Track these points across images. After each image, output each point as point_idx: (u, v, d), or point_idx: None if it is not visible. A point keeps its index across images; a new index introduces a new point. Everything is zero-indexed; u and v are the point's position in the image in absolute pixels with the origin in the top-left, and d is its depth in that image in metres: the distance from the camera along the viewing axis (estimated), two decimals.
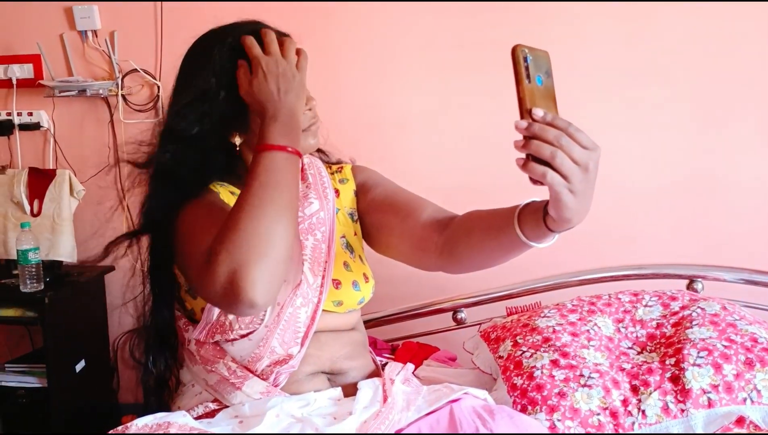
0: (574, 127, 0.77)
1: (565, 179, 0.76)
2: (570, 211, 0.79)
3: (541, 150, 0.75)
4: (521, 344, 1.33)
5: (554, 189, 0.77)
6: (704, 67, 1.94)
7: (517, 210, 0.91)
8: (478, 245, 1.00)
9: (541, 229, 0.86)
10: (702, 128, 1.96)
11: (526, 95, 0.76)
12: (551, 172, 0.76)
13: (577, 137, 0.76)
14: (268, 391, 1.06)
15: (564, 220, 0.80)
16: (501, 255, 0.98)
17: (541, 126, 0.76)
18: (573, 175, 0.76)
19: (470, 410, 1.07)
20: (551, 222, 0.83)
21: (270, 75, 0.99)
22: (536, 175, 0.77)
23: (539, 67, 0.78)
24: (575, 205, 0.78)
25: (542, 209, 0.85)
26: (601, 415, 1.17)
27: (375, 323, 1.67)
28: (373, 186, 1.21)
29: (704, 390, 1.18)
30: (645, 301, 1.42)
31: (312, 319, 1.09)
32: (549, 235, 0.86)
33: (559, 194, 0.77)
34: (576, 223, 0.81)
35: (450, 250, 1.04)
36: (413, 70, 2.07)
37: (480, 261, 1.03)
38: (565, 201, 0.77)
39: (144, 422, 0.95)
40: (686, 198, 1.99)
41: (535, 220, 0.86)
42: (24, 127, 2.28)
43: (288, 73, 1.00)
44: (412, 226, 1.10)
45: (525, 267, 1.88)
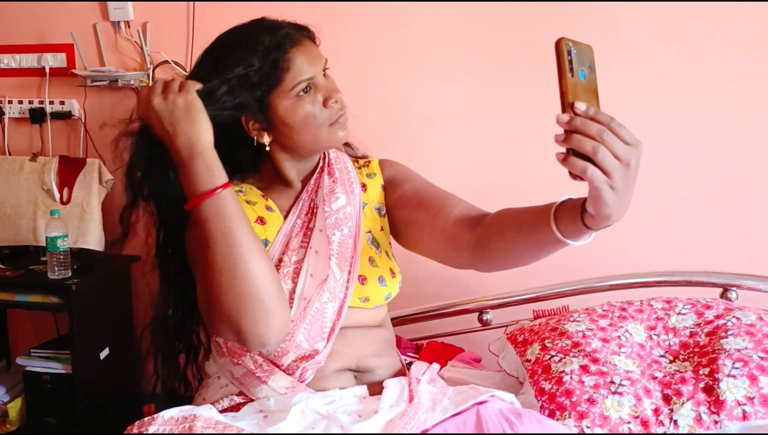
0: (617, 122, 0.75)
1: (606, 175, 0.74)
2: (609, 208, 0.77)
3: (583, 144, 0.74)
4: (550, 348, 1.31)
5: (594, 185, 0.75)
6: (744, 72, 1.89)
7: (553, 207, 0.89)
8: (512, 243, 0.98)
9: (578, 227, 0.84)
10: (739, 134, 1.91)
11: (569, 89, 0.74)
12: (592, 167, 0.74)
13: (620, 133, 0.75)
14: (293, 387, 1.06)
15: (602, 217, 0.79)
16: (534, 253, 0.96)
17: (583, 120, 0.74)
18: (614, 171, 0.74)
19: (497, 413, 1.06)
20: (589, 219, 0.82)
21: (155, 123, 0.94)
22: (576, 170, 0.75)
23: (582, 61, 0.76)
24: (615, 202, 0.76)
25: (580, 206, 0.83)
26: (631, 424, 1.15)
27: (399, 322, 1.66)
28: (403, 181, 1.19)
29: (739, 402, 1.15)
30: (678, 309, 1.39)
31: (338, 314, 1.08)
32: (586, 232, 0.85)
33: (599, 190, 0.75)
34: (615, 220, 0.80)
35: (482, 247, 1.03)
36: (444, 67, 2.05)
37: (512, 259, 1.01)
38: (605, 197, 0.76)
39: (171, 414, 0.95)
40: (721, 204, 1.94)
41: (573, 217, 0.85)
42: (56, 116, 2.30)
43: (168, 107, 0.93)
44: (443, 223, 1.09)
45: (552, 270, 1.86)
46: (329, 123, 1.08)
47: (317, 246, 1.10)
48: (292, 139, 1.08)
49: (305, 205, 1.14)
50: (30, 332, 2.43)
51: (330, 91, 1.08)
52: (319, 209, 1.13)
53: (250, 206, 1.10)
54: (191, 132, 0.92)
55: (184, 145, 0.92)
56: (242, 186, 1.14)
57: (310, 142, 1.09)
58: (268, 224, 1.09)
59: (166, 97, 0.93)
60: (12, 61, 2.33)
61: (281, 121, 1.06)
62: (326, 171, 1.16)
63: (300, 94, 1.05)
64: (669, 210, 1.96)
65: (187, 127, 0.92)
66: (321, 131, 1.08)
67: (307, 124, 1.06)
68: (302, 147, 1.10)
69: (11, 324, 2.50)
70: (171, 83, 0.95)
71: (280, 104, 1.05)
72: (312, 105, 1.06)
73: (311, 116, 1.06)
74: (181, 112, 0.92)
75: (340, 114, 1.09)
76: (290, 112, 1.05)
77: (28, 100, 2.33)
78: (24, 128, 2.36)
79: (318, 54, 1.09)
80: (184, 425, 0.93)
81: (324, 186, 1.14)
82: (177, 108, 0.92)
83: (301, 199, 1.14)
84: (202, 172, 0.91)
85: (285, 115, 1.05)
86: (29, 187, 2.22)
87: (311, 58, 1.07)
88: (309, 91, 1.06)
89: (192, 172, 0.91)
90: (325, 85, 1.08)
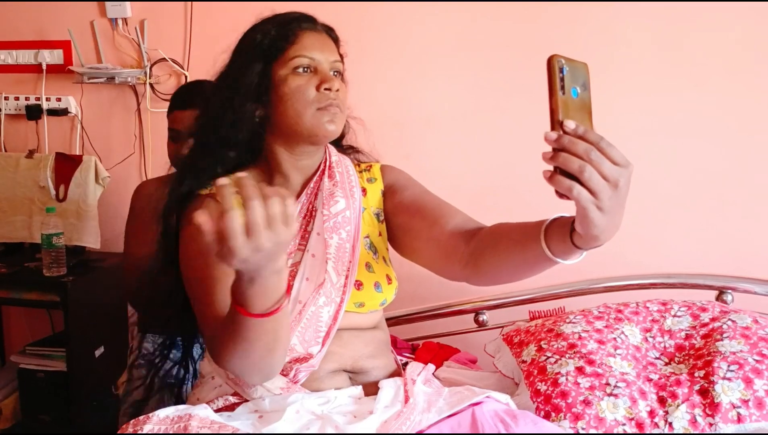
0: (606, 141, 0.73)
1: (593, 195, 0.72)
2: (597, 228, 0.75)
3: (569, 163, 0.72)
4: (546, 349, 1.31)
5: (581, 205, 0.73)
6: (739, 73, 1.89)
7: (543, 225, 0.87)
8: (504, 258, 0.97)
9: (567, 246, 0.83)
10: (735, 136, 1.92)
11: (559, 106, 0.73)
12: (578, 186, 0.72)
13: (609, 152, 0.72)
14: (288, 387, 1.06)
15: (591, 237, 0.77)
16: (526, 269, 0.95)
17: (570, 139, 0.72)
18: (601, 191, 0.72)
19: (493, 414, 1.05)
20: (578, 238, 0.80)
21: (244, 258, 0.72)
22: (562, 189, 0.73)
23: (576, 78, 0.75)
24: (603, 223, 0.75)
25: (569, 225, 0.82)
26: (626, 426, 1.15)
27: (395, 322, 1.66)
28: (402, 188, 1.19)
29: (734, 404, 1.15)
30: (674, 311, 1.39)
31: (334, 318, 1.08)
32: (576, 251, 0.83)
33: (586, 211, 0.74)
34: (604, 241, 0.78)
35: (475, 261, 1.02)
36: (442, 68, 2.05)
37: (504, 274, 1.00)
38: (592, 217, 0.74)
39: (166, 413, 0.95)
40: (717, 207, 1.94)
41: (562, 235, 0.83)
42: (52, 113, 2.29)
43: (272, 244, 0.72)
44: (439, 233, 1.08)
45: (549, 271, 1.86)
46: (317, 106, 1.07)
47: (314, 249, 1.09)
48: (279, 114, 1.08)
49: (304, 207, 1.13)
50: (25, 329, 2.42)
51: (328, 79, 1.08)
52: (318, 212, 1.12)
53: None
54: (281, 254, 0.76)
55: (274, 268, 0.76)
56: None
57: (293, 120, 1.07)
58: None
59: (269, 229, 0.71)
60: (9, 58, 2.33)
61: (274, 90, 1.08)
62: (327, 174, 1.15)
63: (299, 70, 1.08)
64: (665, 212, 1.96)
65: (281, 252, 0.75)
66: (306, 111, 1.06)
67: (294, 98, 1.06)
68: (286, 124, 1.08)
69: (6, 321, 2.49)
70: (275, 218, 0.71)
71: (278, 72, 1.08)
72: (306, 83, 1.07)
73: (300, 91, 1.06)
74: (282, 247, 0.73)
75: (330, 102, 1.07)
76: (283, 82, 1.07)
77: (24, 97, 2.32)
78: (20, 125, 2.35)
79: (330, 47, 1.12)
80: (180, 424, 0.93)
81: (324, 189, 1.14)
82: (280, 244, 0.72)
83: (300, 202, 1.13)
84: (278, 288, 0.79)
85: (278, 84, 1.08)
86: (25, 183, 2.22)
87: (320, 44, 1.10)
88: (308, 72, 1.08)
89: (269, 290, 0.78)
90: (327, 74, 1.09)
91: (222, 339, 0.90)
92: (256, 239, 0.69)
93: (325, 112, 1.07)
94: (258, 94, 1.09)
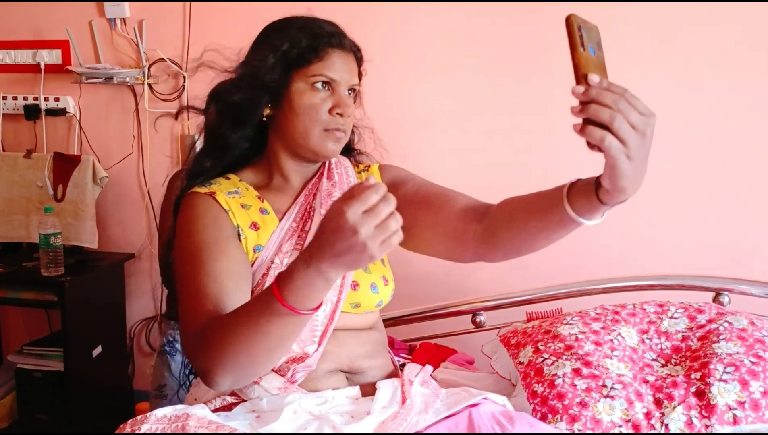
0: (630, 93, 0.77)
1: (622, 144, 0.76)
2: (626, 178, 0.78)
3: (600, 113, 0.75)
4: (542, 351, 1.31)
5: (611, 154, 0.76)
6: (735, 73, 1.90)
7: (564, 188, 0.90)
8: (522, 228, 0.99)
9: (593, 204, 0.85)
10: (731, 138, 1.92)
11: (582, 61, 0.77)
12: (610, 136, 0.76)
13: (634, 103, 0.76)
14: (285, 387, 1.06)
15: (619, 189, 0.80)
16: (546, 236, 0.97)
17: (599, 90, 0.76)
18: (631, 139, 0.76)
19: (489, 416, 1.06)
20: (604, 194, 0.83)
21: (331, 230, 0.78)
22: (595, 139, 0.76)
23: (591, 38, 0.79)
24: (631, 172, 0.78)
25: (593, 184, 0.85)
26: (623, 427, 1.15)
27: (392, 323, 1.66)
28: (403, 182, 1.19)
29: (730, 406, 1.16)
30: (671, 313, 1.40)
31: (330, 318, 1.08)
32: (600, 209, 0.86)
33: (616, 160, 0.77)
34: (630, 193, 0.81)
35: (491, 236, 1.04)
36: (439, 68, 2.05)
37: (524, 244, 1.02)
38: (622, 168, 0.77)
39: (163, 413, 0.95)
40: (714, 209, 1.95)
41: (587, 195, 0.86)
42: (50, 113, 2.29)
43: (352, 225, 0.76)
44: (447, 218, 1.09)
45: (546, 273, 1.87)
46: (325, 127, 1.09)
47: None
48: (287, 122, 1.10)
49: (302, 207, 1.14)
50: (22, 329, 2.42)
51: (342, 102, 1.10)
52: (316, 212, 1.13)
53: (245, 211, 1.09)
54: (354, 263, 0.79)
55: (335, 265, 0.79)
56: (238, 185, 1.13)
57: (300, 135, 1.10)
58: (262, 229, 1.09)
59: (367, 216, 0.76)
60: (7, 57, 2.33)
61: (288, 100, 1.09)
62: (326, 175, 1.17)
63: (317, 86, 1.09)
64: (662, 214, 1.97)
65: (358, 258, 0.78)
66: (314, 129, 1.09)
67: (307, 114, 1.08)
68: (292, 136, 1.10)
69: (3, 320, 2.49)
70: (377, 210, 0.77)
71: (296, 84, 1.09)
72: (321, 102, 1.09)
73: (314, 109, 1.08)
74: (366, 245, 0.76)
75: (338, 127, 1.10)
76: (299, 95, 1.09)
77: (22, 97, 2.32)
78: (18, 124, 2.35)
79: (353, 69, 1.14)
80: (177, 424, 0.93)
81: (322, 189, 1.15)
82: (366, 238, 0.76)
83: (298, 203, 1.13)
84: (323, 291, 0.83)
85: (294, 95, 1.09)
86: (23, 183, 2.21)
87: (345, 66, 1.12)
88: (326, 90, 1.10)
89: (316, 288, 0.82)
90: (342, 97, 1.11)
91: (219, 334, 0.90)
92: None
93: (330, 135, 1.10)
94: (272, 94, 1.10)
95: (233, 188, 1.12)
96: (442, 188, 1.16)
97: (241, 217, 1.08)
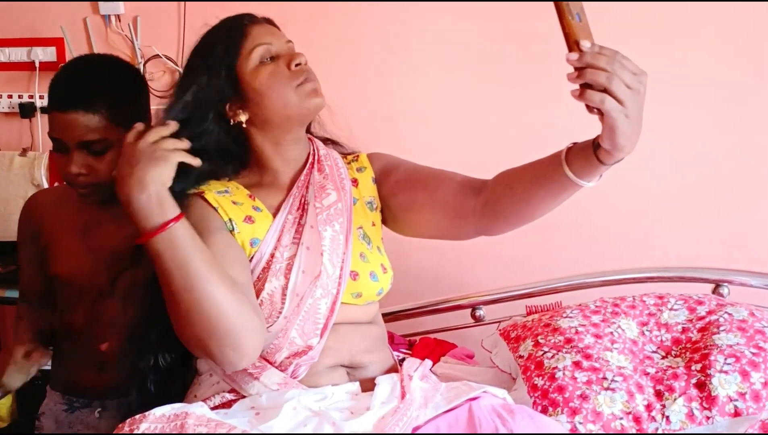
0: (621, 54, 0.81)
1: (620, 104, 0.80)
2: (625, 136, 0.83)
3: (597, 77, 0.80)
4: (542, 344, 1.31)
5: (611, 115, 0.81)
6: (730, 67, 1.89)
7: (563, 153, 0.94)
8: (523, 196, 1.01)
9: (593, 165, 0.89)
10: (728, 128, 1.92)
11: (572, 29, 0.82)
12: (608, 97, 0.80)
13: (626, 63, 0.81)
14: (285, 383, 1.06)
15: (618, 147, 0.84)
16: (547, 202, 0.99)
17: (592, 54, 0.81)
18: (627, 99, 0.80)
19: (489, 409, 1.05)
20: (603, 154, 0.87)
21: (122, 163, 0.95)
22: (594, 102, 0.80)
23: (575, 6, 0.84)
24: (629, 130, 0.82)
25: (590, 146, 0.89)
26: (623, 420, 1.15)
27: (392, 317, 1.65)
28: (394, 168, 1.20)
29: (731, 398, 1.16)
30: (670, 305, 1.39)
31: (331, 310, 1.08)
32: (599, 170, 0.90)
33: (615, 120, 0.81)
34: (628, 151, 0.85)
35: (492, 208, 1.05)
36: (435, 62, 2.04)
37: (525, 212, 1.04)
38: (621, 127, 0.82)
39: (162, 412, 0.94)
40: (713, 200, 1.95)
41: (585, 156, 0.90)
42: (46, 111, 2.27)
43: (133, 150, 0.95)
44: (445, 196, 1.10)
45: (545, 266, 1.87)
46: (296, 84, 1.08)
47: (309, 242, 1.09)
48: (264, 107, 1.08)
49: (296, 201, 1.13)
50: None
51: (291, 55, 1.10)
52: (310, 205, 1.12)
53: (237, 206, 1.09)
54: (147, 171, 0.92)
55: (136, 182, 0.92)
56: (228, 186, 1.12)
57: (281, 106, 1.08)
58: (256, 223, 1.08)
59: (136, 142, 0.95)
60: (1, 55, 2.31)
61: (249, 87, 1.08)
62: (316, 167, 1.16)
63: (263, 61, 1.08)
64: (661, 205, 1.97)
65: (145, 167, 0.92)
66: (288, 92, 1.07)
67: (273, 85, 1.07)
68: (275, 114, 1.09)
69: (1, 320, 2.48)
70: (147, 134, 0.97)
71: (245, 70, 1.08)
72: (276, 67, 1.09)
73: (274, 76, 1.08)
74: (144, 155, 0.94)
75: (307, 76, 1.09)
76: (254, 76, 1.08)
77: (17, 95, 2.31)
78: (14, 123, 2.33)
79: (278, 32, 1.14)
80: (176, 423, 0.92)
81: (314, 182, 1.14)
82: (142, 152, 0.94)
83: (292, 195, 1.13)
84: (153, 207, 0.91)
85: (251, 80, 1.08)
86: (19, 182, 2.20)
87: (269, 31, 1.12)
88: (272, 60, 1.09)
89: (142, 209, 0.91)
90: (287, 51, 1.11)
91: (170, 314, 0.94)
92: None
93: (304, 89, 1.08)
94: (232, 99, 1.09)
95: (223, 188, 1.11)
96: (434, 169, 1.17)
97: (233, 211, 1.07)
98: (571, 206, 2.28)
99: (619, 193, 1.96)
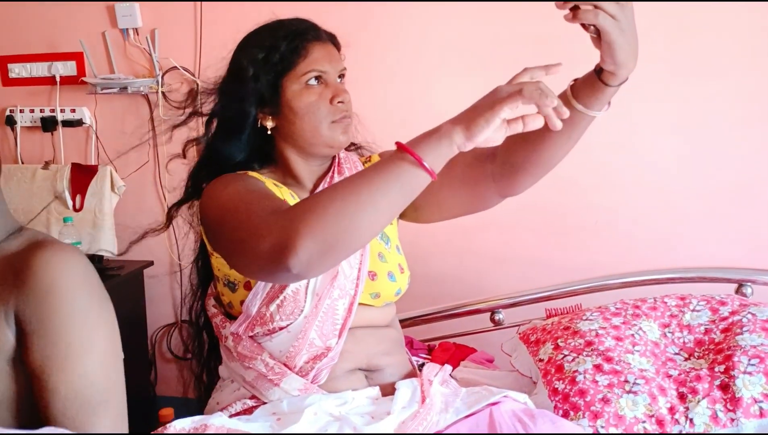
0: None
1: (613, 18, 0.83)
2: (623, 50, 0.86)
3: None
4: (562, 347, 1.30)
5: (606, 30, 0.84)
6: (754, 63, 1.87)
7: (567, 91, 0.95)
8: (539, 143, 1.01)
9: (599, 91, 0.92)
10: (750, 127, 1.89)
11: None
12: (601, 12, 0.83)
13: None
14: (306, 388, 1.06)
15: (619, 64, 0.87)
16: (562, 142, 1.00)
17: None
18: (618, 12, 0.84)
19: (510, 414, 1.05)
20: (607, 76, 0.90)
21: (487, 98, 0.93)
22: (589, 19, 0.83)
23: None
24: (627, 44, 0.85)
25: (593, 75, 0.92)
26: (646, 423, 1.14)
27: (411, 323, 1.65)
28: None
29: (755, 399, 1.14)
30: (692, 306, 1.38)
31: (349, 311, 1.09)
32: (606, 94, 0.92)
33: (611, 35, 0.84)
34: (631, 67, 0.88)
35: (510, 164, 1.06)
36: (451, 66, 2.04)
37: (543, 159, 1.03)
38: (618, 41, 0.85)
39: (182, 425, 0.95)
40: (734, 199, 1.92)
41: (590, 84, 0.92)
42: (67, 124, 2.32)
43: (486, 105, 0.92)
44: (462, 170, 1.11)
45: (564, 268, 1.85)
46: (331, 120, 1.10)
47: None
48: (294, 127, 1.10)
49: None
50: None
51: (339, 90, 1.11)
52: None
53: (277, 189, 1.12)
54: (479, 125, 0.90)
55: (463, 127, 0.92)
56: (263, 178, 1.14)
57: (310, 134, 1.10)
58: None
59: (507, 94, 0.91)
60: (23, 71, 2.36)
61: (287, 105, 1.10)
62: (336, 171, 1.18)
63: (310, 83, 1.10)
64: (682, 206, 1.94)
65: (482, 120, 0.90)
66: (322, 125, 1.10)
67: (310, 113, 1.09)
68: (302, 138, 1.11)
69: None
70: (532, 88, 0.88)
71: (290, 88, 1.10)
72: (318, 97, 1.10)
73: (315, 106, 1.09)
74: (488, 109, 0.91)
75: (344, 115, 1.11)
76: (296, 97, 1.09)
77: (39, 109, 2.35)
78: (36, 136, 2.38)
79: (337, 56, 1.14)
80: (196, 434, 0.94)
81: None
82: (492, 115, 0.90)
83: None
84: (444, 152, 0.92)
85: (291, 99, 1.09)
86: (42, 195, 2.25)
87: (329, 56, 1.12)
88: (319, 84, 1.11)
89: (434, 143, 0.93)
90: (335, 84, 1.12)
91: (308, 202, 0.88)
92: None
93: (338, 125, 1.11)
94: (267, 105, 1.11)
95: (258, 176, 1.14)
96: None
97: (277, 192, 1.10)
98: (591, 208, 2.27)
99: (639, 194, 1.95)
